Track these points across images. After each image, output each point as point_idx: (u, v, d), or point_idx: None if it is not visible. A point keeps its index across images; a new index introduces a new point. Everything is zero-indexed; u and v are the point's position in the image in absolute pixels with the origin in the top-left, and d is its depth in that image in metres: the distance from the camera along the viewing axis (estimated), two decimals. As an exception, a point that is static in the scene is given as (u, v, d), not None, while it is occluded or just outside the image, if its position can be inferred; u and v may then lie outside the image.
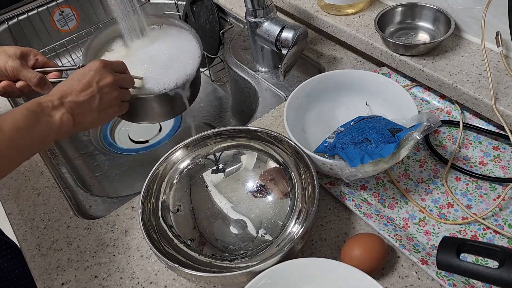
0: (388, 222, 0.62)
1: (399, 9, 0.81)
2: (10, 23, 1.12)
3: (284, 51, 0.81)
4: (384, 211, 0.64)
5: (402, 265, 0.57)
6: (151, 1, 1.20)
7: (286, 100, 0.72)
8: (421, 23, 0.80)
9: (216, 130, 0.67)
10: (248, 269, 0.51)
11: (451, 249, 0.47)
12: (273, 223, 0.63)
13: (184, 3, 1.12)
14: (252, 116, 0.84)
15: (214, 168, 0.68)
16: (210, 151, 0.68)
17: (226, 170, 0.68)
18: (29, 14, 1.14)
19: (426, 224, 0.62)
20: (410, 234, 0.61)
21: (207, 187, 0.67)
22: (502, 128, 0.68)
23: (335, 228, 0.62)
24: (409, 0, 0.80)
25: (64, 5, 1.19)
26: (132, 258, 0.63)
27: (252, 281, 0.51)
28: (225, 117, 1.11)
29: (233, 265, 0.59)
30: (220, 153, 0.68)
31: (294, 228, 0.60)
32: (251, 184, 0.67)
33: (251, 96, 0.94)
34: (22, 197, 0.73)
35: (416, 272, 0.57)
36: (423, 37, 0.79)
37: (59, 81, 0.71)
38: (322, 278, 0.53)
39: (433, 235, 0.60)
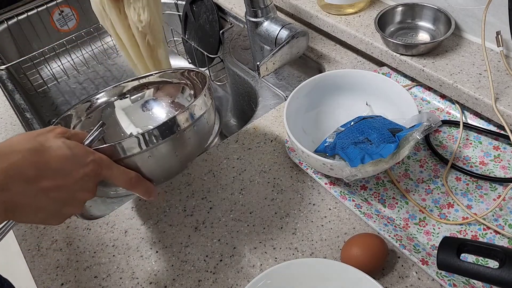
0: (388, 222, 0.62)
1: (399, 8, 0.81)
2: (9, 23, 1.12)
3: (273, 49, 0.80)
4: (384, 211, 0.64)
5: (402, 265, 0.57)
6: (151, 1, 1.20)
7: (286, 100, 0.71)
8: (421, 23, 0.80)
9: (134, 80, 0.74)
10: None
11: (451, 249, 0.47)
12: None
13: (184, 3, 1.12)
14: (252, 116, 0.84)
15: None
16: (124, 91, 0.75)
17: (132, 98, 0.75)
18: (29, 14, 1.14)
19: (427, 224, 0.62)
20: (410, 234, 0.61)
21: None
22: (503, 128, 0.68)
23: (335, 228, 0.62)
24: (409, -1, 0.80)
25: (63, 5, 1.20)
26: (132, 258, 0.63)
27: (252, 281, 0.51)
28: (225, 117, 1.11)
29: None
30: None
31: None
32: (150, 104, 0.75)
33: (251, 96, 0.93)
34: (21, 197, 0.73)
35: (416, 272, 0.56)
36: (423, 37, 0.79)
37: None
38: (322, 278, 0.53)
39: (433, 235, 0.60)
